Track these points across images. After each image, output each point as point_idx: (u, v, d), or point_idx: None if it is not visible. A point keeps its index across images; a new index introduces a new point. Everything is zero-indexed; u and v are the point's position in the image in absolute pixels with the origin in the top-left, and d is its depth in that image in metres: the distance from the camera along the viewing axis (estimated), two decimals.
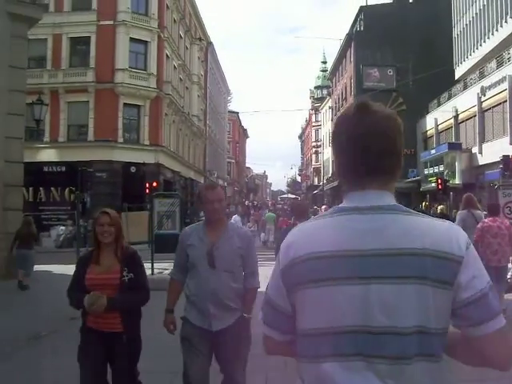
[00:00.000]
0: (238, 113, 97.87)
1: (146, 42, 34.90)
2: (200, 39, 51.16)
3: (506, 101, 31.75)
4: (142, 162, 33.61)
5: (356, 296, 1.54)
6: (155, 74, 35.09)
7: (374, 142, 1.64)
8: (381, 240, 1.56)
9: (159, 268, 16.73)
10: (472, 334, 1.57)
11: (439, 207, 19.52)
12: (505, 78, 31.70)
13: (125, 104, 33.93)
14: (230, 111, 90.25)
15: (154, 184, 29.40)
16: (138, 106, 34.81)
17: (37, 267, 15.24)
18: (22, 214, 15.98)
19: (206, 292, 4.12)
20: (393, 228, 1.58)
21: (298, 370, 1.71)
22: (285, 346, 1.79)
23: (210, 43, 58.77)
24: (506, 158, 21.55)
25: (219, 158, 74.42)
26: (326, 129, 73.15)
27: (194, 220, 40.83)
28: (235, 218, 23.33)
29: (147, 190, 27.57)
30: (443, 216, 18.45)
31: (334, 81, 67.16)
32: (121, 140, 33.55)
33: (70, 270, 4.78)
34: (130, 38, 33.95)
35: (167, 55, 37.91)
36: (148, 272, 13.80)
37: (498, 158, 32.26)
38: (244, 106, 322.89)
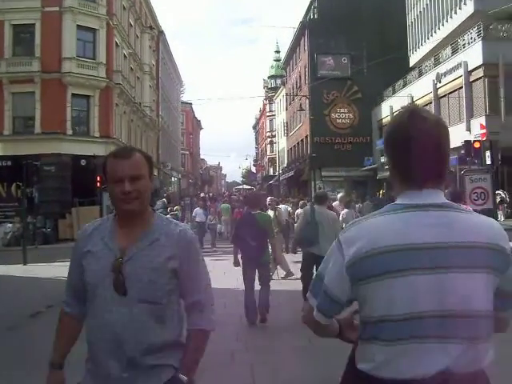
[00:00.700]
0: (191, 103, 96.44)
1: (94, 30, 33.33)
2: (151, 28, 49.67)
3: (461, 87, 31.74)
4: (92, 154, 32.24)
5: (433, 284, 1.74)
6: (104, 62, 33.65)
7: (429, 145, 1.81)
8: (452, 234, 1.77)
9: None
10: (500, 314, 1.87)
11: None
12: (460, 64, 31.63)
13: (73, 94, 32.37)
14: (183, 102, 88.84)
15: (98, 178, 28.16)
16: (88, 97, 33.32)
17: None
18: None
19: (106, 339, 2.35)
20: (459, 223, 1.80)
21: (360, 352, 1.88)
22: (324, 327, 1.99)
23: (161, 32, 57.22)
24: (467, 143, 21.34)
25: (173, 150, 73.07)
26: (281, 118, 72.50)
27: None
28: (197, 211, 22.52)
29: (98, 184, 26.39)
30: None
31: (288, 70, 66.47)
32: (70, 132, 32.06)
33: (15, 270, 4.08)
34: (77, 25, 32.34)
35: (117, 43, 36.47)
36: None
37: (455, 145, 32.24)
38: (197, 98, 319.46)
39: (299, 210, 19.32)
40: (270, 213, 13.23)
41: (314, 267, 8.60)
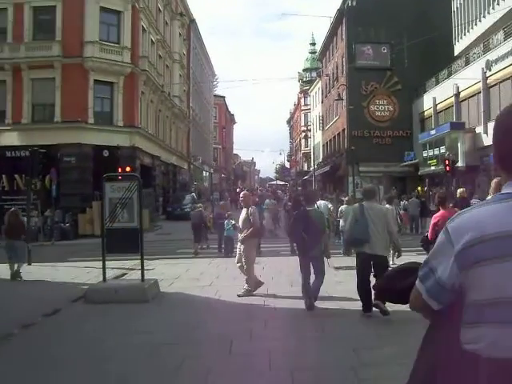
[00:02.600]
0: (224, 97, 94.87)
1: (118, 12, 31.44)
2: (181, 14, 47.72)
3: None
4: (115, 145, 30.51)
5: None
6: (129, 47, 31.80)
7: None
8: None
9: (114, 268, 13.80)
10: None
11: (459, 191, 16.63)
12: None
13: (96, 81, 30.60)
14: (215, 95, 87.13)
15: (128, 169, 26.27)
16: (111, 83, 31.55)
17: None
18: None
19: None
20: None
21: (467, 333, 1.88)
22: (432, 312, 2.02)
23: (192, 20, 55.29)
24: None
25: (205, 144, 71.43)
26: (316, 112, 70.08)
27: (176, 209, 37.98)
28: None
29: (120, 178, 24.42)
30: (464, 200, 15.80)
31: (324, 61, 63.89)
32: (91, 121, 30.32)
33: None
34: (101, 7, 30.51)
35: (143, 28, 34.60)
36: (98, 279, 10.94)
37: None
38: (231, 93, 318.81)
39: (343, 207, 17.28)
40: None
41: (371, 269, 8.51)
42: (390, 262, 9.67)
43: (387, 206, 13.04)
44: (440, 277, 1.93)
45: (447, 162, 28.55)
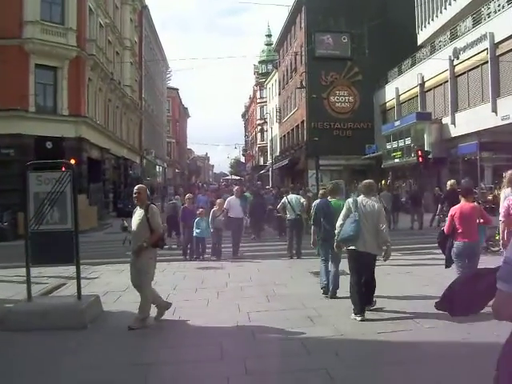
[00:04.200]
0: (177, 89, 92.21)
1: None
2: None
3: (486, 62, 27.63)
4: (60, 135, 27.81)
5: None
6: (75, 29, 28.98)
7: None
8: None
9: (51, 277, 11.54)
10: None
11: (449, 182, 15.02)
12: (484, 36, 27.51)
13: (37, 65, 27.64)
14: (169, 87, 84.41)
15: (72, 161, 23.68)
16: (54, 68, 28.63)
17: None
18: None
19: None
20: None
21: None
22: None
23: (144, 7, 52.48)
24: None
25: (158, 137, 68.86)
26: (273, 104, 68.25)
27: (127, 206, 35.39)
28: (231, 200, 15.88)
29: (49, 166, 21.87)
30: (455, 192, 14.23)
31: (281, 52, 62.00)
32: (32, 109, 27.42)
33: None
34: None
35: (91, 9, 31.75)
36: (22, 295, 8.67)
37: (475, 129, 28.32)
38: (185, 86, 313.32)
39: (317, 201, 15.31)
40: None
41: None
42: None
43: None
44: None
45: (420, 153, 27.06)
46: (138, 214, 7.74)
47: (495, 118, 26.49)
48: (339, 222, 8.16)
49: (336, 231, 8.22)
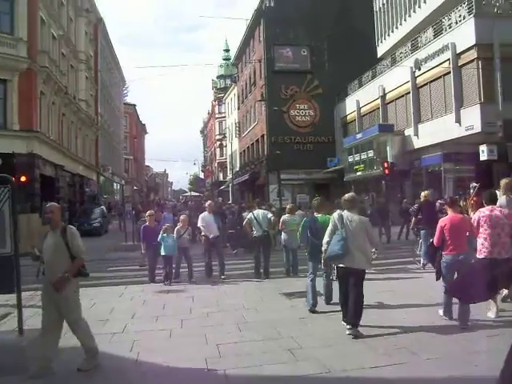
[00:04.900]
0: (135, 105, 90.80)
1: None
2: (87, 11, 43.64)
3: (448, 72, 27.38)
4: (10, 152, 26.47)
5: None
6: (26, 39, 27.70)
7: None
8: None
9: None
10: None
11: (423, 194, 14.36)
12: (446, 46, 27.32)
13: None
14: (126, 103, 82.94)
15: (23, 179, 22.49)
16: (4, 81, 27.25)
17: None
18: None
19: None
20: None
21: None
22: None
23: (100, 19, 51.18)
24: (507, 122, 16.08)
25: (115, 153, 67.27)
26: (232, 119, 67.49)
27: (83, 224, 33.94)
28: (205, 217, 14.34)
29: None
30: (429, 203, 13.69)
31: (240, 66, 61.41)
32: None
33: None
34: None
35: (42, 19, 30.40)
36: None
37: (438, 140, 28.04)
38: (142, 103, 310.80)
39: (285, 217, 14.45)
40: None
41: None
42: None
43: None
44: None
45: (386, 164, 26.56)
46: (52, 238, 6.34)
47: (459, 128, 26.20)
48: (326, 238, 7.99)
49: (323, 248, 8.04)
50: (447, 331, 7.28)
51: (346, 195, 8.16)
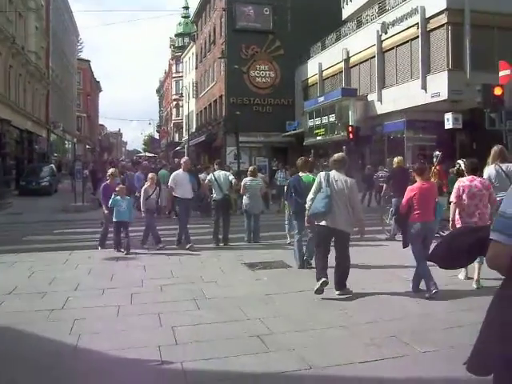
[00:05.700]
0: (89, 61, 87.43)
1: None
2: None
3: (416, 37, 26.62)
4: None
5: None
6: None
7: None
8: None
9: None
10: None
11: (395, 160, 13.62)
12: (415, 10, 26.50)
13: None
14: (80, 59, 79.82)
15: None
16: None
17: None
18: None
19: None
20: None
21: None
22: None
23: None
24: (485, 88, 15.36)
25: (67, 110, 64.84)
26: (189, 78, 65.59)
27: (31, 183, 32.31)
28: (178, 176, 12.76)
29: None
30: (402, 170, 13.08)
31: (199, 24, 59.39)
32: None
33: None
34: None
35: None
36: None
37: (402, 106, 27.41)
38: (97, 60, 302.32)
39: (247, 179, 13.59)
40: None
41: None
42: None
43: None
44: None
45: (350, 129, 25.79)
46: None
47: (425, 95, 25.58)
48: (310, 196, 7.92)
49: (307, 205, 8.00)
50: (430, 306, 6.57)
51: (336, 155, 8.04)
